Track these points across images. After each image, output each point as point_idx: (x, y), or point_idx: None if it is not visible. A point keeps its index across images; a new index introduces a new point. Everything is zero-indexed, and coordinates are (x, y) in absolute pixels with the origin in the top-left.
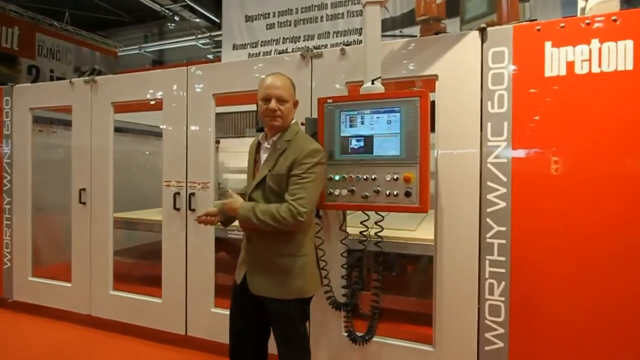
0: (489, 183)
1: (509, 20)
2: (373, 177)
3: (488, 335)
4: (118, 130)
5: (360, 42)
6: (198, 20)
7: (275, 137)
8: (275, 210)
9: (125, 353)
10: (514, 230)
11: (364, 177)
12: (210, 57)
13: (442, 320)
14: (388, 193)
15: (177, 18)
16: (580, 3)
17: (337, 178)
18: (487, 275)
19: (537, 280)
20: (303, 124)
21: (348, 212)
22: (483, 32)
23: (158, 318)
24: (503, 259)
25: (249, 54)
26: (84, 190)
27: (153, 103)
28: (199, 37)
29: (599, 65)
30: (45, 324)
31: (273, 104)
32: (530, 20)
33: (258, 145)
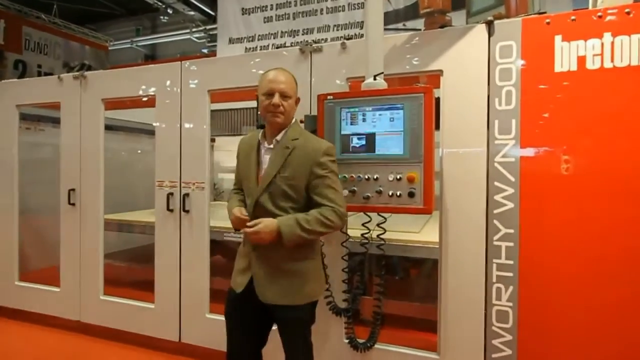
0: (496, 183)
1: (518, 13)
2: (375, 177)
3: (495, 342)
4: (109, 128)
5: (362, 36)
6: (192, 13)
7: (280, 135)
8: (321, 216)
9: None
10: (523, 233)
11: (366, 177)
12: (205, 51)
13: (447, 327)
14: (391, 194)
15: (170, 11)
16: None
17: None
18: (494, 280)
19: (547, 285)
20: (302, 122)
21: (349, 213)
22: (490, 25)
23: (151, 324)
24: (511, 263)
25: (246, 49)
26: (73, 191)
27: (145, 100)
28: (193, 30)
29: (612, 60)
30: (33, 331)
31: (277, 99)
32: (540, 13)
33: (257, 145)
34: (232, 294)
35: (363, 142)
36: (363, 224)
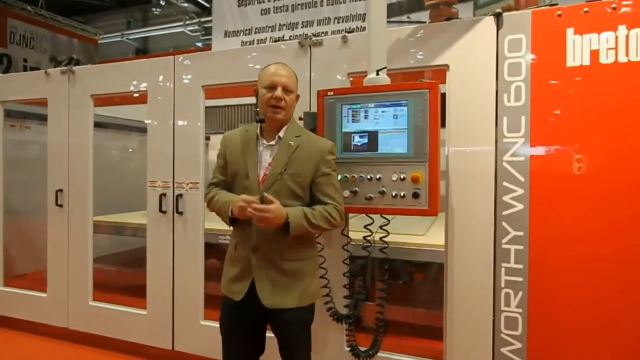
0: (505, 183)
1: (527, 5)
2: (378, 177)
3: (504, 351)
4: (98, 126)
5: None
6: (186, 5)
7: (282, 132)
8: (326, 212)
9: None
10: (533, 235)
11: (368, 176)
12: (200, 45)
13: (453, 334)
14: (394, 194)
15: (163, 2)
16: None
17: (338, 178)
18: (502, 285)
19: (558, 290)
20: (301, 119)
21: (350, 215)
22: (498, 17)
23: (142, 331)
24: (520, 267)
25: (242, 42)
26: (61, 192)
27: (137, 96)
28: (187, 23)
29: (626, 54)
30: (18, 339)
31: (279, 92)
32: (551, 5)
33: (255, 141)
34: (229, 303)
35: (365, 140)
36: (365, 226)
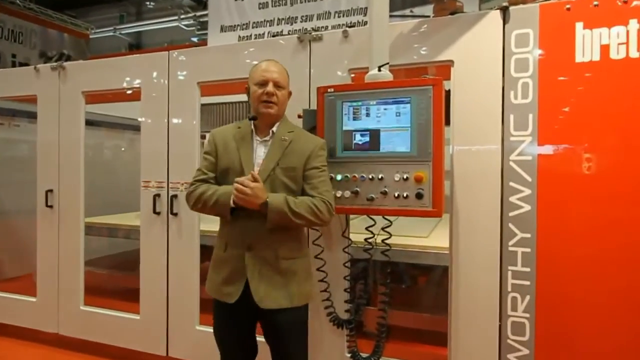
0: (512, 184)
1: None
2: (380, 176)
3: (511, 357)
4: (90, 124)
5: (365, 23)
6: None
7: (275, 127)
8: (312, 203)
9: None
10: (540, 237)
11: (370, 176)
12: (195, 40)
13: (458, 340)
14: (397, 195)
15: None
16: None
17: (339, 178)
18: (509, 289)
19: (567, 294)
20: (300, 116)
21: (351, 216)
22: (505, 11)
23: (136, 337)
24: (528, 270)
25: (239, 37)
26: (51, 192)
27: (130, 93)
28: (182, 17)
29: (638, 49)
30: (7, 345)
31: (271, 88)
32: None
33: (250, 137)
34: (222, 307)
35: (367, 138)
36: (366, 228)
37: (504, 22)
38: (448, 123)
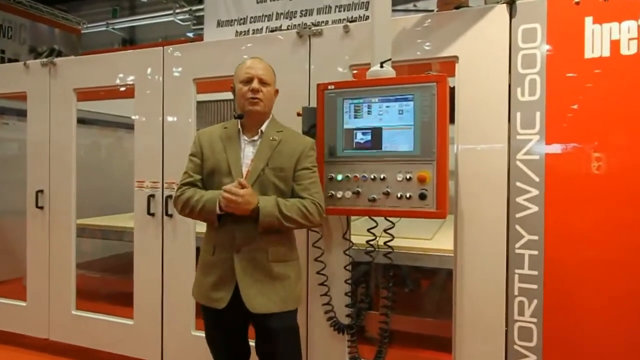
0: (519, 184)
1: None
2: (382, 176)
3: None
4: (82, 122)
5: (367, 17)
6: None
7: (264, 126)
8: (302, 206)
9: None
10: (548, 240)
11: (372, 176)
12: (191, 35)
13: (463, 345)
14: (399, 195)
15: None
16: None
17: (339, 178)
18: (516, 293)
19: (575, 298)
20: (299, 114)
21: (353, 217)
22: (512, 5)
23: (129, 343)
24: (535, 273)
25: (236, 32)
26: (42, 192)
27: (123, 90)
28: (177, 11)
29: None
30: None
31: (256, 84)
32: None
33: (237, 136)
34: (212, 313)
35: (368, 137)
36: (368, 230)
37: (511, 16)
38: (452, 121)
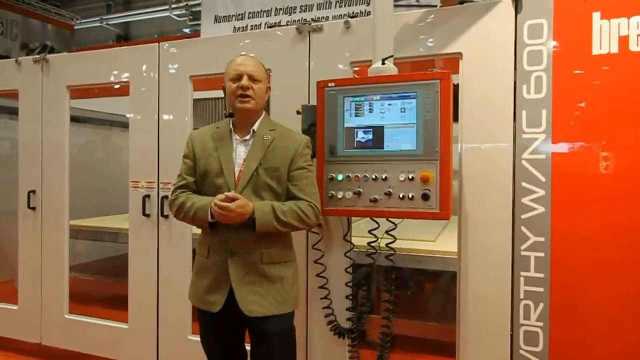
0: (524, 184)
1: None
2: (384, 176)
3: None
4: (75, 120)
5: (368, 13)
6: None
7: (255, 125)
8: (299, 210)
9: None
10: (555, 241)
11: (373, 176)
12: (187, 31)
13: (467, 350)
14: (402, 196)
15: None
16: None
17: (340, 178)
18: (521, 296)
19: (583, 302)
20: (299, 112)
21: (353, 218)
22: (517, 0)
23: (124, 347)
24: (541, 276)
25: (234, 28)
26: (34, 193)
27: (117, 87)
28: (173, 7)
29: None
30: None
31: (245, 81)
32: None
33: (229, 136)
34: (207, 317)
35: (370, 136)
36: (370, 231)
37: (516, 11)
38: (456, 119)
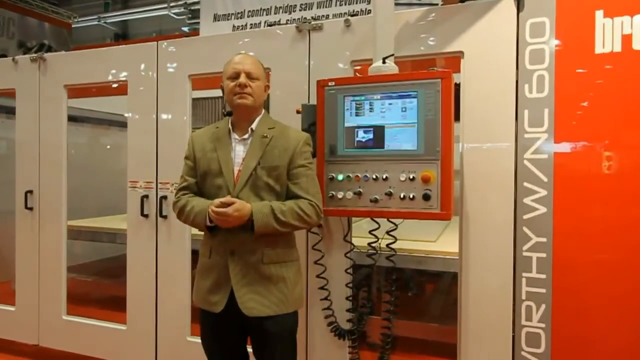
0: (526, 184)
1: None
2: (384, 176)
3: None
4: (73, 120)
5: (369, 11)
6: None
7: (254, 124)
8: (299, 209)
9: None
10: (557, 242)
11: (374, 176)
12: (186, 30)
13: (468, 352)
14: (402, 196)
15: None
16: None
17: (340, 178)
18: (523, 297)
19: (585, 303)
20: (299, 112)
21: (354, 219)
22: None
23: (122, 349)
24: (543, 277)
25: (234, 27)
26: (31, 193)
27: (115, 86)
28: (172, 5)
29: None
30: None
31: (243, 79)
32: None
33: (228, 136)
34: (209, 317)
35: (370, 135)
36: (370, 232)
37: (518, 10)
38: (458, 119)
